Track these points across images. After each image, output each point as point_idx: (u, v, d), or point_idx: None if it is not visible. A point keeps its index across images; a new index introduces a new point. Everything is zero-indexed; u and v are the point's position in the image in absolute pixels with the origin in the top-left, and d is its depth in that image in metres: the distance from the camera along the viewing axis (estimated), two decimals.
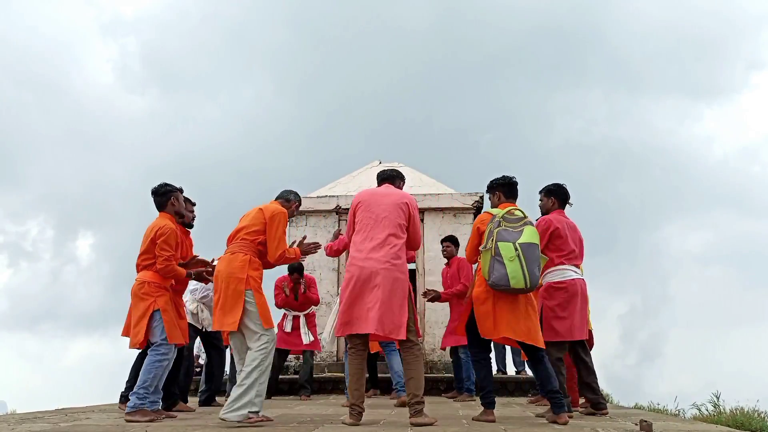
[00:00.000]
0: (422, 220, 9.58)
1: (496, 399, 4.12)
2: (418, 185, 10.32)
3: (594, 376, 4.55)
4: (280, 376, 7.25)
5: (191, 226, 5.01)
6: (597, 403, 4.50)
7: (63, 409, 5.39)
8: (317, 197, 9.88)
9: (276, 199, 4.42)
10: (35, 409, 5.37)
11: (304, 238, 4.56)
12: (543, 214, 4.83)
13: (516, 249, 3.79)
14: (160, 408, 4.34)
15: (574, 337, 4.43)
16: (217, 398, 5.84)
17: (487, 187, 4.42)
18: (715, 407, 6.63)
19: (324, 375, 8.12)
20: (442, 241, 6.74)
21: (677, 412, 7.16)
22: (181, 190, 4.70)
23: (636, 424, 3.61)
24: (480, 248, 3.97)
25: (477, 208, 9.70)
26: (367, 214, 4.00)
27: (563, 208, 4.80)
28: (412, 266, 10.67)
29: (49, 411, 5.18)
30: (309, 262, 8.34)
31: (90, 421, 4.12)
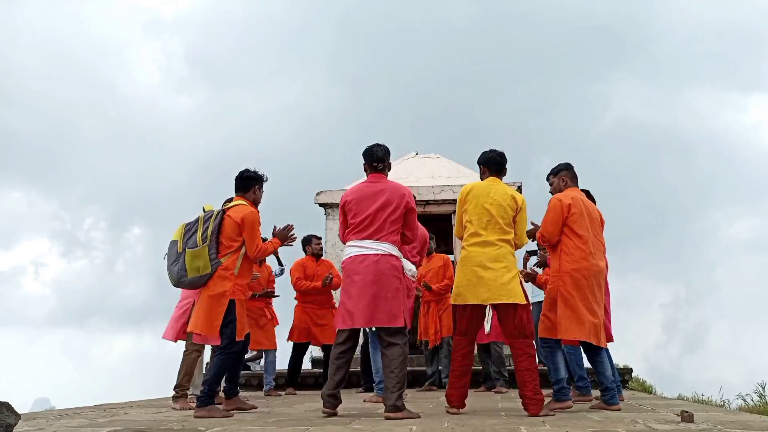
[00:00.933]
0: None
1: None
2: (455, 176, 10.38)
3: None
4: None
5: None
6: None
7: (102, 404, 5.49)
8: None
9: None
10: (78, 405, 5.48)
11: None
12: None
13: None
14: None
15: None
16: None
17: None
18: (760, 397, 6.37)
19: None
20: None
21: (722, 402, 6.94)
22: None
23: (677, 415, 3.50)
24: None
25: None
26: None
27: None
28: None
29: (87, 407, 5.28)
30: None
31: (128, 417, 4.17)
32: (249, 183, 4.52)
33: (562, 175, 4.47)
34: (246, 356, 6.83)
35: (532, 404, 3.78)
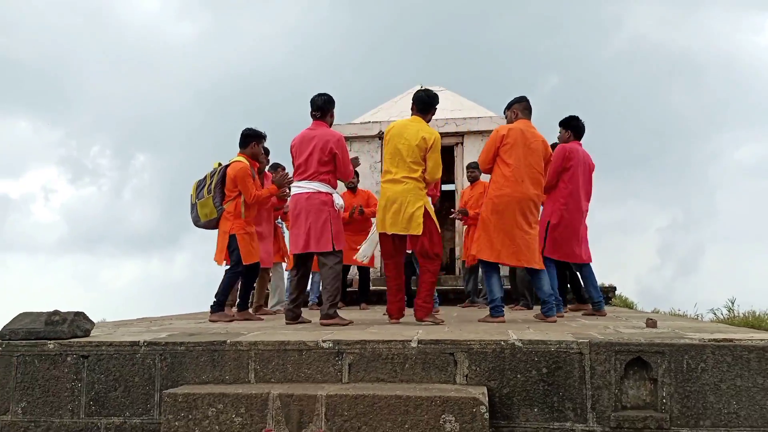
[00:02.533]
0: (462, 144, 9.96)
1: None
2: (458, 109, 10.62)
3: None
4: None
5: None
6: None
7: (144, 318, 6.18)
8: (360, 123, 10.29)
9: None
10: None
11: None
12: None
13: None
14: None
15: None
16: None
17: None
18: (729, 311, 7.04)
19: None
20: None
21: (696, 316, 7.62)
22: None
23: (644, 323, 4.16)
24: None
25: None
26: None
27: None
28: (448, 187, 11.22)
29: (131, 320, 5.97)
30: None
31: (174, 326, 4.83)
32: (247, 140, 5.37)
33: (514, 107, 4.93)
34: None
35: (419, 310, 4.52)
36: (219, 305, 5.27)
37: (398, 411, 2.91)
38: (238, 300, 5.64)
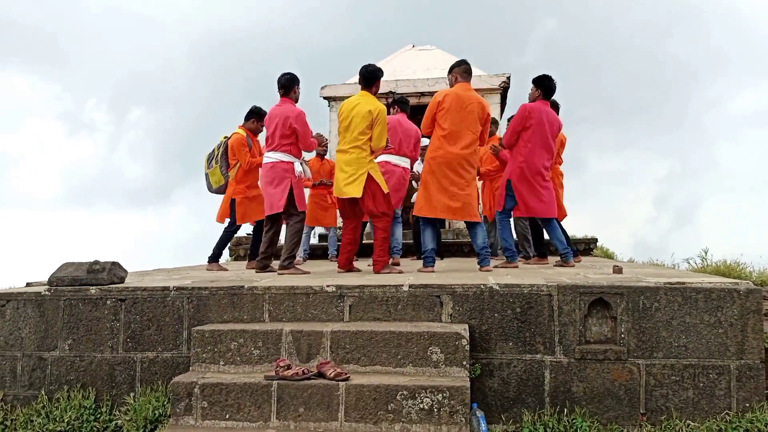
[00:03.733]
0: None
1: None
2: (448, 68, 10.89)
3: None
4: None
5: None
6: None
7: (160, 269, 6.71)
8: (354, 83, 10.57)
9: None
10: None
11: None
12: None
13: None
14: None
15: None
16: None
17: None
18: (702, 260, 7.45)
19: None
20: None
21: (673, 266, 8.08)
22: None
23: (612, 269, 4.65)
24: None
25: (504, 89, 10.28)
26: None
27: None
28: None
29: (149, 270, 6.50)
30: None
31: (191, 275, 5.34)
32: (249, 116, 6.20)
33: (455, 71, 5.33)
34: None
35: (376, 264, 5.11)
36: (215, 257, 6.13)
37: (392, 344, 3.43)
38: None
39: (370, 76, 5.18)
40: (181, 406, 3.26)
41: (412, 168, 6.44)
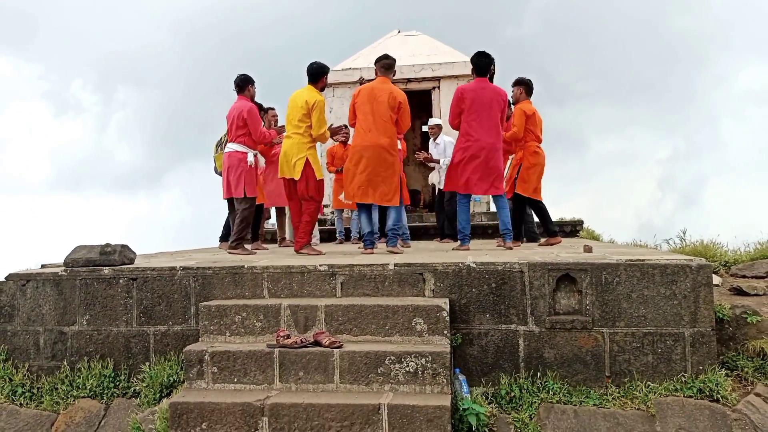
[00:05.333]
0: (438, 88, 10.65)
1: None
2: (435, 53, 11.16)
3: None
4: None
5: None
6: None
7: (163, 252, 7.07)
8: (342, 69, 10.92)
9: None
10: None
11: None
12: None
13: None
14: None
15: None
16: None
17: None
18: (681, 240, 7.86)
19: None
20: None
21: (655, 246, 8.48)
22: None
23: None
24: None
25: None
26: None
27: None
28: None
29: (154, 253, 6.85)
30: None
31: (195, 257, 5.70)
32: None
33: (375, 67, 5.80)
34: None
35: (296, 243, 5.61)
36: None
37: (380, 316, 3.82)
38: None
39: (315, 72, 5.70)
40: (193, 371, 3.66)
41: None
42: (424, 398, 3.38)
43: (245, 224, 5.99)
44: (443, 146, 7.86)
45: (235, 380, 3.62)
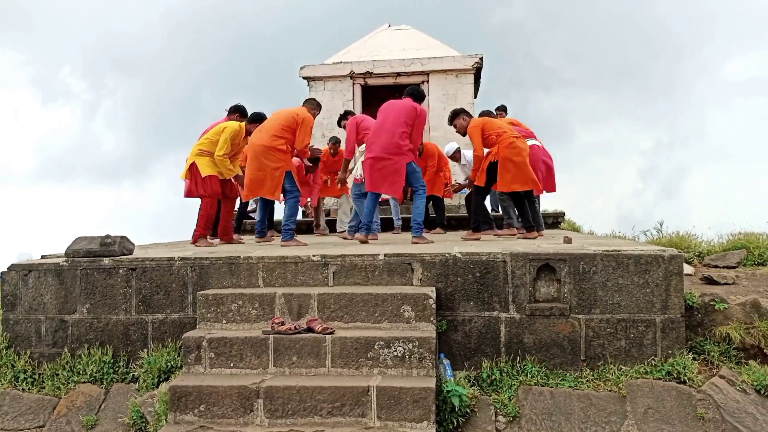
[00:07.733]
0: (427, 82, 10.81)
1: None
2: (424, 48, 11.32)
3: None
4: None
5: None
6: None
7: (158, 243, 7.23)
8: (332, 63, 11.04)
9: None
10: None
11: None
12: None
13: None
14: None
15: None
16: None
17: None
18: (658, 232, 8.13)
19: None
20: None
21: (633, 238, 8.75)
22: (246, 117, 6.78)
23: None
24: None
25: (477, 69, 10.79)
26: None
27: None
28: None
29: (149, 244, 7.01)
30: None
31: (191, 248, 5.87)
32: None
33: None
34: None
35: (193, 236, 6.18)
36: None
37: (370, 304, 4.03)
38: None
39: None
40: (192, 356, 3.85)
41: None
42: (411, 381, 3.60)
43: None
44: (468, 161, 8.08)
45: (232, 365, 3.82)
